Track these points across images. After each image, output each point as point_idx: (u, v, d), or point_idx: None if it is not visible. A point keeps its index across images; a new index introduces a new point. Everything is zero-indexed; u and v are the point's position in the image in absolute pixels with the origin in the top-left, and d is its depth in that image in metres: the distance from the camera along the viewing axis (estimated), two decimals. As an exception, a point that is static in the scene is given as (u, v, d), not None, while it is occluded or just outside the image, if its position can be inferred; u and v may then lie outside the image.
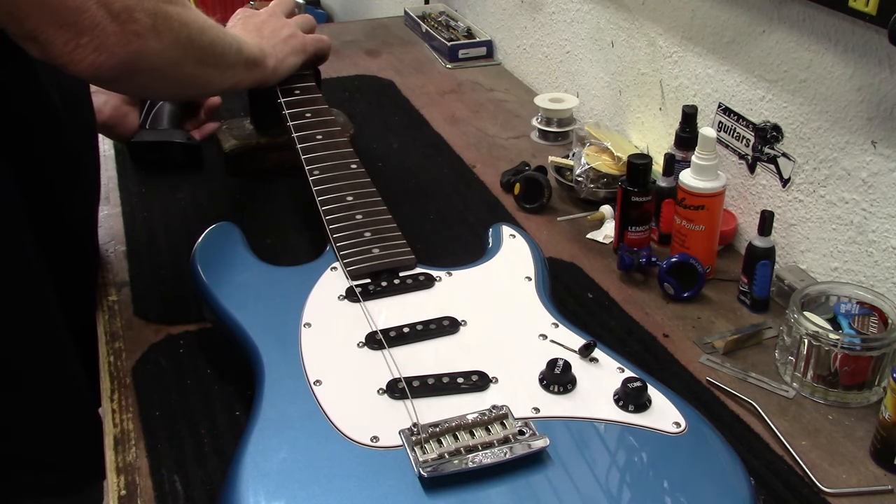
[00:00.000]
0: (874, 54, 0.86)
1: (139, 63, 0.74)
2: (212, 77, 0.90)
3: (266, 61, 1.00)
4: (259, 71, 0.99)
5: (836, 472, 0.76)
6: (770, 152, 1.02)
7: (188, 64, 0.82)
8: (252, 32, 1.04)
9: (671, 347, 0.90)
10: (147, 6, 0.72)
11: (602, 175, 1.15)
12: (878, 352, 0.81)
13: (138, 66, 0.74)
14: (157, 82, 0.82)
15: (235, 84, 0.97)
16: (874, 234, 0.91)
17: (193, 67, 0.84)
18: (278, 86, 1.08)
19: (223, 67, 0.90)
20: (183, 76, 0.84)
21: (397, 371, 0.73)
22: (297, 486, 0.63)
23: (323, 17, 3.08)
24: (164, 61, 0.77)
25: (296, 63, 1.07)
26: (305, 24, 1.12)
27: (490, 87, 1.57)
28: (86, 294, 0.97)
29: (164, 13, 0.75)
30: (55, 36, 0.68)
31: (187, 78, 0.85)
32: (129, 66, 0.73)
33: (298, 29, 1.10)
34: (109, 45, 0.70)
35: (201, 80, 0.88)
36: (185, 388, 0.83)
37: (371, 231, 0.89)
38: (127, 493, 0.73)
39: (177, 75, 0.82)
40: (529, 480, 0.64)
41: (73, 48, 0.68)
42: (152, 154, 1.20)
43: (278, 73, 1.04)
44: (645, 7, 1.22)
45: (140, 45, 0.72)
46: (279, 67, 1.04)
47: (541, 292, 0.84)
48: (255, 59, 0.98)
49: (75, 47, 0.68)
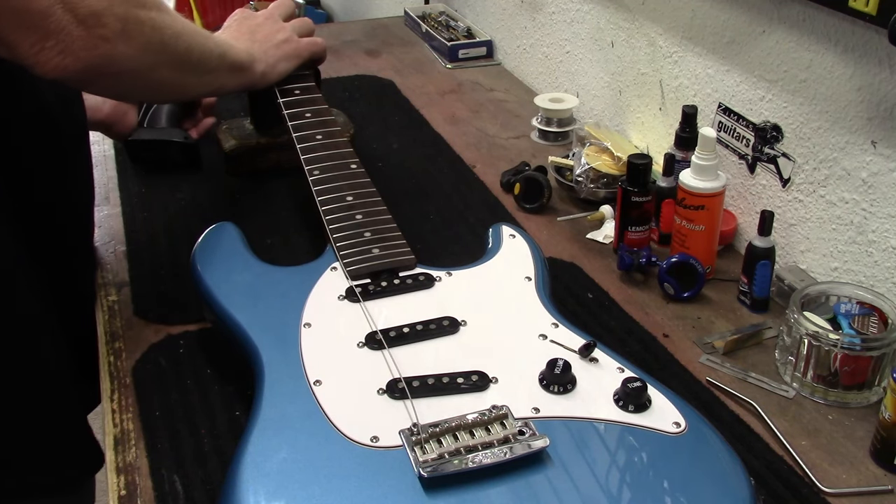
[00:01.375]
0: (874, 54, 0.86)
1: (107, 67, 0.74)
2: (188, 81, 0.90)
3: (254, 66, 1.01)
4: (245, 75, 1.00)
5: (836, 472, 0.76)
6: (770, 152, 1.02)
7: (161, 69, 0.82)
8: (245, 35, 1.04)
9: (671, 347, 0.90)
10: (117, 11, 0.72)
11: (602, 175, 1.15)
12: (878, 352, 0.81)
13: (106, 69, 0.74)
14: (128, 86, 0.83)
15: (218, 88, 0.98)
16: (874, 234, 0.91)
17: (167, 72, 0.84)
18: (277, 86, 1.08)
19: (202, 72, 0.91)
20: (156, 80, 0.84)
21: (397, 371, 0.73)
22: (297, 486, 0.63)
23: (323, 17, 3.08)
24: (134, 66, 0.77)
25: (287, 68, 1.08)
26: (302, 29, 1.12)
27: (490, 87, 1.57)
28: (84, 294, 0.97)
29: (135, 18, 0.75)
30: (21, 38, 0.68)
31: (161, 82, 0.85)
32: (96, 70, 0.73)
33: (295, 33, 1.10)
34: (75, 49, 0.70)
35: (177, 84, 0.88)
36: (185, 388, 0.83)
37: (371, 231, 0.89)
38: (127, 493, 0.73)
39: (149, 79, 0.82)
40: (529, 480, 0.64)
41: (38, 50, 0.69)
42: (150, 153, 1.20)
43: (268, 77, 1.05)
44: (645, 7, 1.22)
45: (107, 49, 0.72)
46: (269, 72, 1.04)
47: (541, 292, 0.84)
48: (240, 64, 0.98)
49: (41, 50, 0.69)
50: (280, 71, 1.06)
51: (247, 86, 1.02)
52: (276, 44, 1.06)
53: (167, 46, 0.81)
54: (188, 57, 0.86)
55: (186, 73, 0.88)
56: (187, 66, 0.87)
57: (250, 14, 1.10)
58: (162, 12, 0.80)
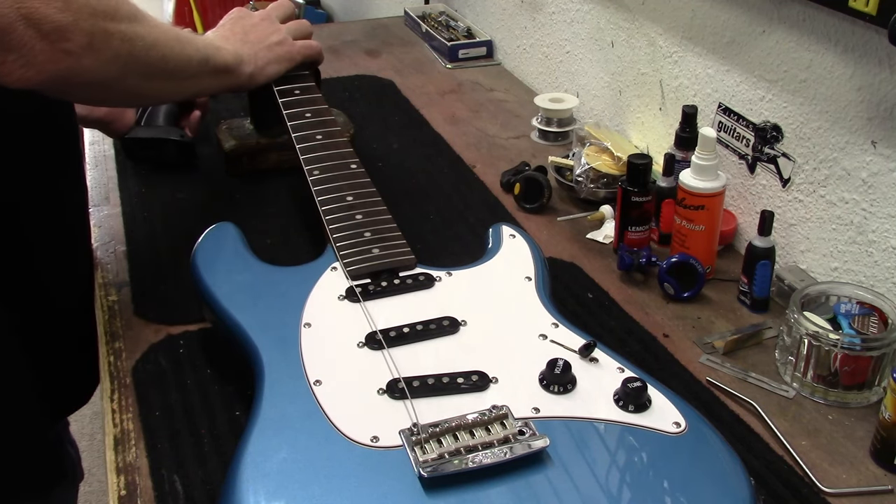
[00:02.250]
0: (874, 54, 0.86)
1: (72, 79, 0.74)
2: (164, 88, 0.90)
3: (241, 68, 1.00)
4: (231, 77, 0.99)
5: (836, 472, 0.76)
6: (770, 152, 1.02)
7: (131, 78, 0.82)
8: (237, 35, 1.04)
9: (671, 347, 0.90)
10: (83, 26, 0.72)
11: (602, 175, 1.15)
12: (878, 352, 0.81)
13: (72, 81, 0.74)
14: (101, 94, 0.84)
15: (200, 91, 1.02)
16: (874, 234, 0.91)
17: (140, 81, 0.84)
18: (277, 86, 1.08)
19: (179, 79, 0.91)
20: (128, 89, 0.84)
21: (397, 371, 0.73)
22: (297, 486, 0.63)
23: (323, 17, 3.08)
24: (102, 77, 0.77)
25: (278, 71, 1.07)
26: (299, 31, 1.12)
27: (490, 87, 1.57)
28: (83, 294, 0.97)
29: (102, 31, 0.74)
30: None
31: (136, 90, 0.85)
32: (62, 81, 0.73)
33: (290, 35, 1.09)
34: (38, 63, 0.70)
35: (152, 91, 0.89)
36: (185, 388, 0.83)
37: (371, 231, 0.89)
38: (127, 493, 0.73)
39: (122, 89, 0.83)
40: (529, 480, 0.64)
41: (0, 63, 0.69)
42: (146, 151, 1.20)
43: (256, 79, 1.04)
44: (645, 7, 1.22)
45: (72, 62, 0.72)
46: (257, 74, 1.04)
47: (541, 292, 0.84)
48: (226, 67, 0.98)
49: (2, 62, 0.68)
50: (269, 73, 1.06)
51: (233, 87, 1.02)
52: (269, 45, 1.06)
53: (138, 58, 0.81)
54: (164, 65, 0.86)
55: (162, 81, 0.88)
56: (163, 74, 0.87)
57: (247, 14, 1.10)
58: (135, 23, 0.79)
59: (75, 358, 0.96)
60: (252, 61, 1.02)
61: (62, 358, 0.94)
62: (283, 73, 1.08)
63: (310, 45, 1.12)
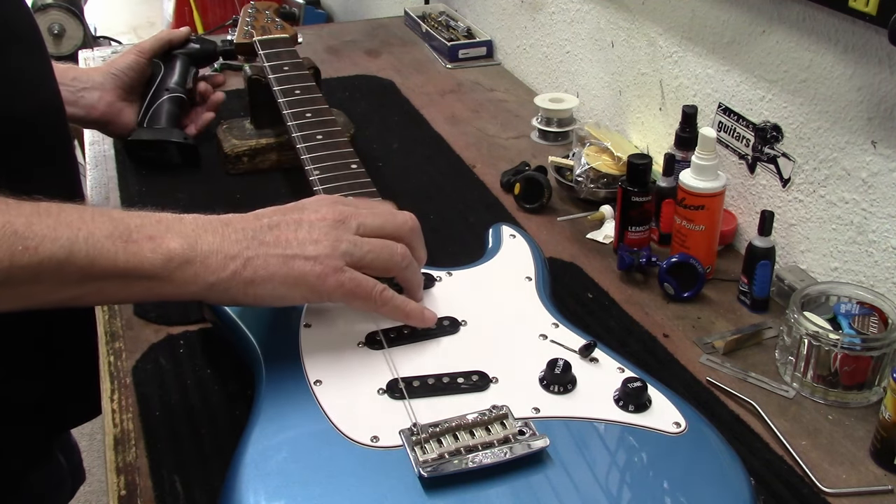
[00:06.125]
0: (874, 54, 0.86)
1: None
2: (33, 293, 0.67)
3: (176, 274, 0.69)
4: (154, 285, 0.69)
5: (836, 472, 0.76)
6: (770, 152, 1.02)
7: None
8: (248, 225, 0.75)
9: (671, 347, 0.90)
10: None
11: (602, 175, 1.15)
12: (878, 352, 0.81)
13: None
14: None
15: (106, 299, 0.79)
16: (874, 234, 0.91)
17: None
18: (277, 85, 1.08)
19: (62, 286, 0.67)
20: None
21: (397, 371, 0.73)
22: (298, 486, 0.63)
23: (323, 17, 3.08)
24: None
25: (280, 294, 0.72)
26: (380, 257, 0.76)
27: (490, 87, 1.57)
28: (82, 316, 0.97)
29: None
30: None
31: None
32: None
33: (364, 260, 0.74)
34: None
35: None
36: (185, 388, 0.83)
37: (371, 231, 0.89)
38: (127, 493, 0.73)
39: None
40: (529, 480, 0.64)
41: None
42: (148, 152, 1.21)
43: (214, 290, 0.70)
44: (645, 7, 1.22)
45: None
46: (217, 286, 0.70)
47: (541, 292, 0.84)
48: (138, 271, 0.68)
49: None
50: (259, 294, 0.71)
51: (164, 297, 0.70)
52: (286, 256, 0.72)
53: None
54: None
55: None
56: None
57: (301, 207, 0.78)
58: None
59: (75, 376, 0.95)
60: (212, 267, 0.70)
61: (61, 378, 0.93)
62: (287, 298, 0.73)
63: (407, 307, 0.77)
